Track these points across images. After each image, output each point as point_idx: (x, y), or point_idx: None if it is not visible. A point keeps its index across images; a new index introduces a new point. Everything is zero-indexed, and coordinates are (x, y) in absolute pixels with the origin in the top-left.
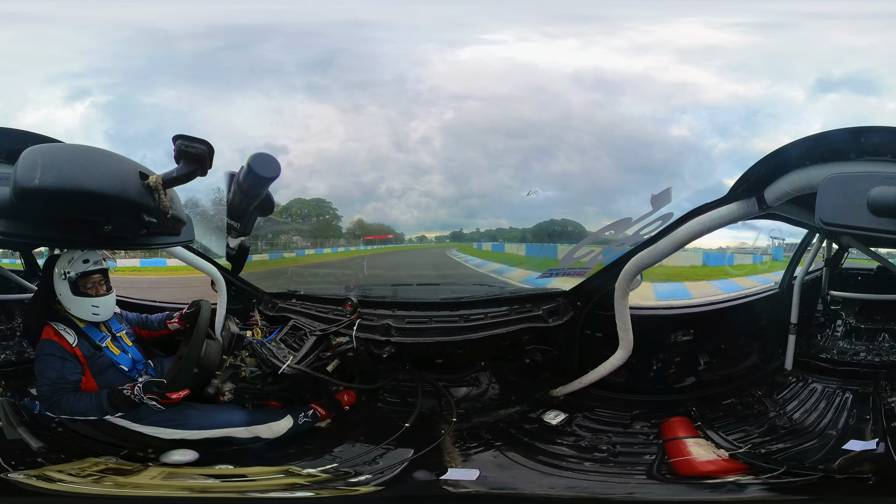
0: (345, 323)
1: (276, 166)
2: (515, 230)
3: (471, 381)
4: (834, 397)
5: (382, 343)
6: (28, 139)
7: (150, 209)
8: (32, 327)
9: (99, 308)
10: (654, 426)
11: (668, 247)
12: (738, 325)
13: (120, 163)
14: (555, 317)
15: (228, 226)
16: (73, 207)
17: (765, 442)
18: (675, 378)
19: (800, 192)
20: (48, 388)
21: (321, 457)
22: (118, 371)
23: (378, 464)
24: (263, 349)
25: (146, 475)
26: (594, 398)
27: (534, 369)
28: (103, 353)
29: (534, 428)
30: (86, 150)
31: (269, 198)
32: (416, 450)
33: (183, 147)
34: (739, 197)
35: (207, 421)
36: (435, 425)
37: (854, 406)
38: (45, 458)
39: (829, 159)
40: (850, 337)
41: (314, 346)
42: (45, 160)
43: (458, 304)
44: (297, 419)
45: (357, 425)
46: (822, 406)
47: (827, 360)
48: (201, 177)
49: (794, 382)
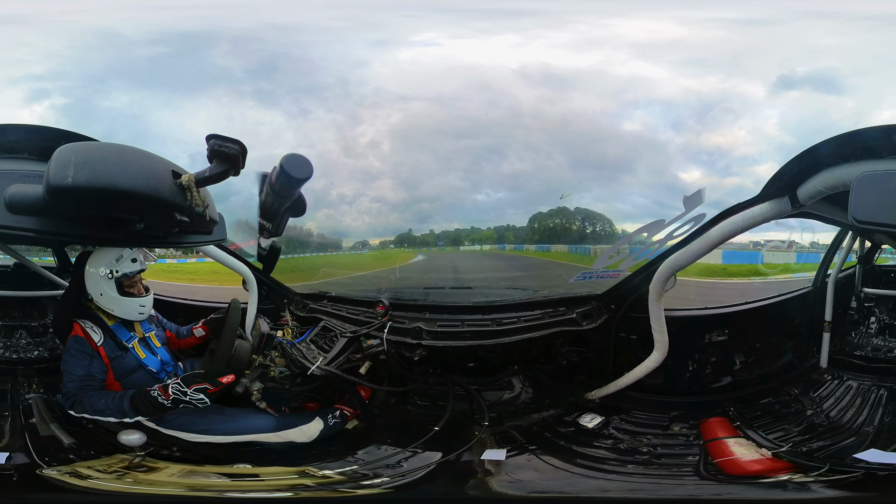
0: (376, 325)
1: (308, 168)
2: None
3: (503, 385)
4: (869, 394)
5: (414, 346)
6: (61, 137)
7: (183, 208)
8: (63, 324)
9: (145, 307)
10: (693, 427)
11: (701, 248)
12: (773, 324)
13: (153, 161)
14: (588, 320)
15: (260, 226)
16: (105, 206)
17: (804, 440)
18: (711, 378)
19: (833, 191)
20: (74, 385)
21: (343, 458)
22: (146, 372)
23: (402, 467)
24: (293, 350)
25: (165, 472)
26: (630, 400)
27: (568, 372)
28: (129, 354)
29: (569, 431)
30: (119, 148)
31: (301, 199)
32: (445, 453)
33: (216, 147)
34: (772, 196)
35: (233, 426)
36: (466, 429)
37: (889, 403)
38: (76, 454)
39: (861, 157)
40: (885, 334)
41: (344, 348)
42: (78, 158)
43: (491, 308)
44: (326, 421)
45: (386, 428)
46: (857, 403)
47: (861, 358)
48: (234, 176)
49: (830, 380)
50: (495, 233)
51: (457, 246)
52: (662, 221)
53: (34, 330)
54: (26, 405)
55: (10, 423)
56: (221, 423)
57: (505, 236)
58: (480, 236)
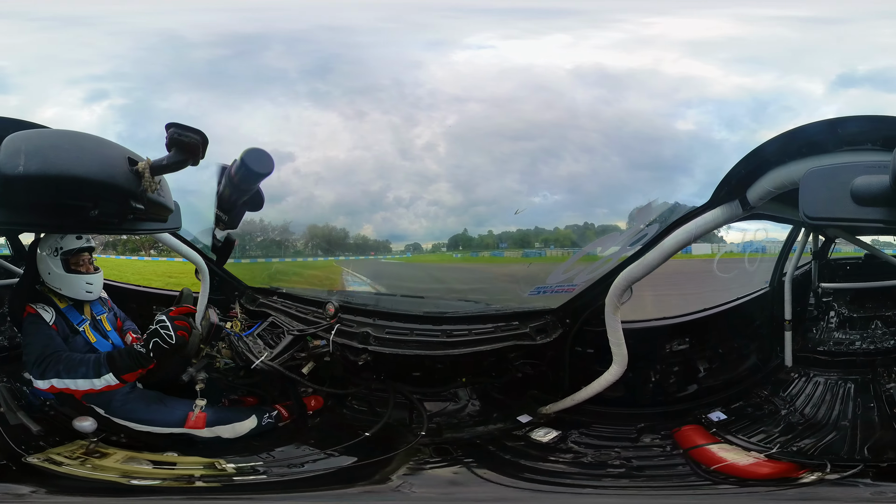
0: (324, 326)
1: (269, 162)
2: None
3: (448, 397)
4: (837, 388)
5: (359, 350)
6: (9, 126)
7: (138, 195)
8: (18, 310)
9: (93, 285)
10: (667, 437)
11: (656, 258)
12: (733, 328)
13: (108, 148)
14: (542, 334)
15: (217, 217)
16: (59, 193)
17: (790, 440)
18: (676, 388)
19: (782, 190)
20: (39, 351)
21: (257, 454)
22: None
23: (303, 468)
24: (240, 342)
25: (112, 458)
26: (590, 414)
27: (520, 387)
28: (79, 336)
29: (518, 445)
30: (72, 135)
31: (259, 193)
32: (360, 459)
33: (176, 136)
34: (722, 201)
35: (172, 418)
36: (400, 437)
37: (857, 395)
38: (45, 441)
39: (807, 153)
40: (845, 327)
41: (290, 346)
42: (29, 146)
43: (442, 319)
44: (261, 420)
45: (314, 429)
46: (828, 398)
47: (825, 353)
48: (193, 167)
49: (797, 378)
50: (573, 233)
51: (522, 248)
52: (616, 234)
53: None
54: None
55: None
56: (163, 414)
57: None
58: (555, 236)
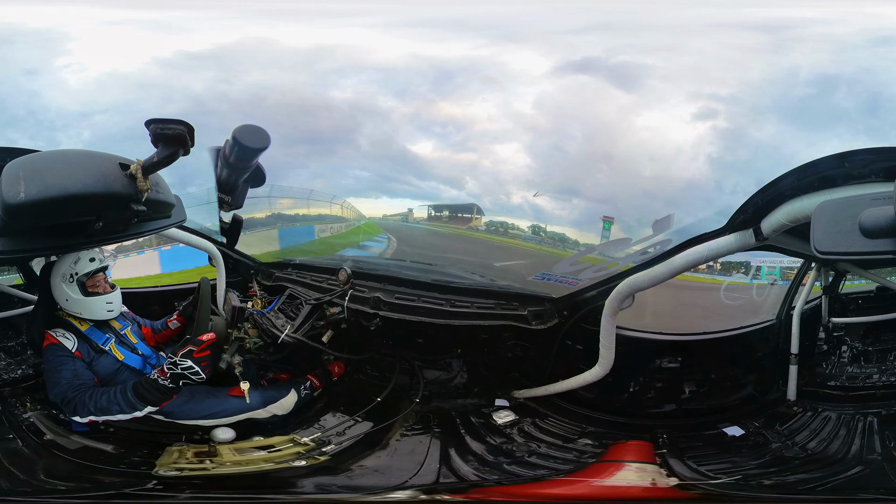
0: (338, 293)
1: (263, 137)
2: None
3: (443, 366)
4: (855, 423)
5: (371, 316)
6: (2, 155)
7: (137, 198)
8: (37, 338)
9: (112, 304)
10: (603, 445)
11: (663, 273)
12: (732, 356)
13: (98, 159)
14: (538, 320)
15: (220, 200)
16: (62, 213)
17: (770, 473)
18: (650, 403)
19: (796, 223)
20: (66, 388)
21: (312, 425)
22: (130, 370)
23: (344, 435)
24: (264, 319)
25: (225, 455)
26: (553, 407)
27: (505, 367)
28: (107, 356)
29: (478, 422)
30: (62, 154)
31: (260, 169)
32: (375, 425)
33: (159, 131)
34: (737, 228)
35: (229, 407)
36: (399, 404)
37: (884, 428)
38: (128, 453)
39: (819, 187)
40: (859, 361)
41: (309, 315)
42: (27, 172)
43: (448, 288)
44: (300, 392)
45: (340, 395)
46: (842, 433)
47: (837, 388)
48: (184, 156)
49: (801, 412)
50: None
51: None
52: (629, 240)
53: (12, 350)
54: (29, 425)
55: (22, 444)
56: (218, 405)
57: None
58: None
